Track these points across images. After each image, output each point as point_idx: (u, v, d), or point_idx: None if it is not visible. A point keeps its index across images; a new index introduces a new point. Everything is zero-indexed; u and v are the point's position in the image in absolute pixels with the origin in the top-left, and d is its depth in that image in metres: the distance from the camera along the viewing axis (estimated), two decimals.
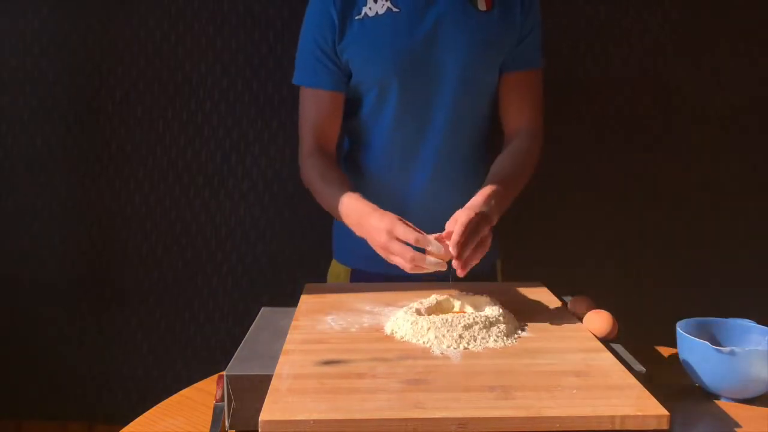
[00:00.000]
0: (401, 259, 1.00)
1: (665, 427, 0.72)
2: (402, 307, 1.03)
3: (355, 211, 1.13)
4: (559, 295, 1.14)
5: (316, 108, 1.26)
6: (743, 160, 1.72)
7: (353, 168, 1.34)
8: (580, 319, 1.00)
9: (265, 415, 0.72)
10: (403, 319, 0.97)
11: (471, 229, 1.00)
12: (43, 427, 1.86)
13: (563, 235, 1.75)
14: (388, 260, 1.04)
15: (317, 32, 1.22)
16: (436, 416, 0.71)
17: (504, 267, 1.43)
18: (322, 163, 1.24)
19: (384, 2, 1.20)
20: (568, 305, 1.05)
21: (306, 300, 1.12)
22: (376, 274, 1.28)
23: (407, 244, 1.00)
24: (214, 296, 1.80)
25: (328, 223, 1.42)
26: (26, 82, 1.72)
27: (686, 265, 1.74)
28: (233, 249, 1.79)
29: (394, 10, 1.19)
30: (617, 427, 0.72)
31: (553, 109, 1.36)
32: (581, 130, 1.72)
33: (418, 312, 0.99)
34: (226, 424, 0.84)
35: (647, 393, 0.76)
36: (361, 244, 1.27)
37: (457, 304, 1.06)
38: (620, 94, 1.71)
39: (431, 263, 0.99)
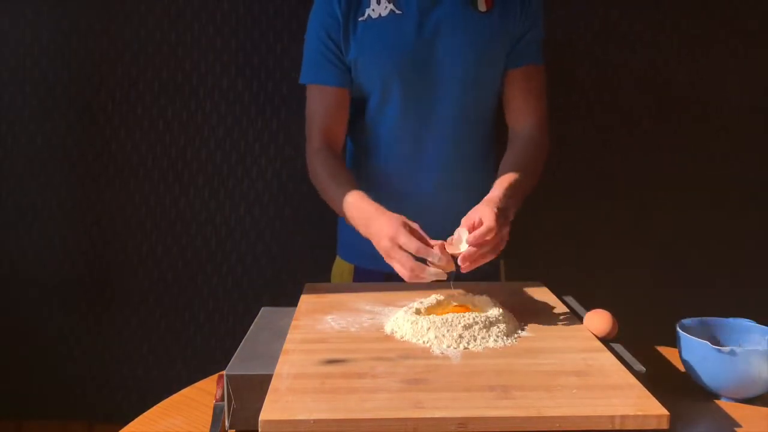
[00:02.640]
0: (401, 267, 1.00)
1: (665, 426, 0.72)
2: (402, 307, 1.03)
3: (361, 212, 1.13)
4: (559, 295, 1.14)
5: (322, 104, 1.27)
6: (744, 160, 1.72)
7: (358, 168, 1.34)
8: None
9: (265, 415, 0.72)
10: (403, 319, 0.97)
11: (495, 229, 0.99)
12: (43, 427, 1.85)
13: (563, 235, 1.75)
14: (390, 264, 1.04)
15: (322, 30, 1.23)
16: (436, 416, 0.71)
17: (507, 267, 1.43)
18: (330, 160, 1.24)
19: (387, 4, 1.21)
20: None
21: (306, 300, 1.12)
22: (379, 272, 1.28)
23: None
24: (214, 296, 1.80)
25: (328, 223, 1.42)
26: (26, 82, 1.72)
27: (686, 265, 1.74)
28: (233, 249, 1.79)
29: (397, 12, 1.20)
30: (617, 427, 0.72)
31: (554, 109, 1.36)
32: (582, 129, 1.72)
33: (418, 312, 0.99)
34: (226, 424, 0.84)
35: (647, 393, 0.76)
36: (366, 242, 1.27)
37: (457, 303, 1.06)
38: (621, 94, 1.72)
39: (431, 274, 0.98)
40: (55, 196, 1.77)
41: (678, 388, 0.97)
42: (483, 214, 1.02)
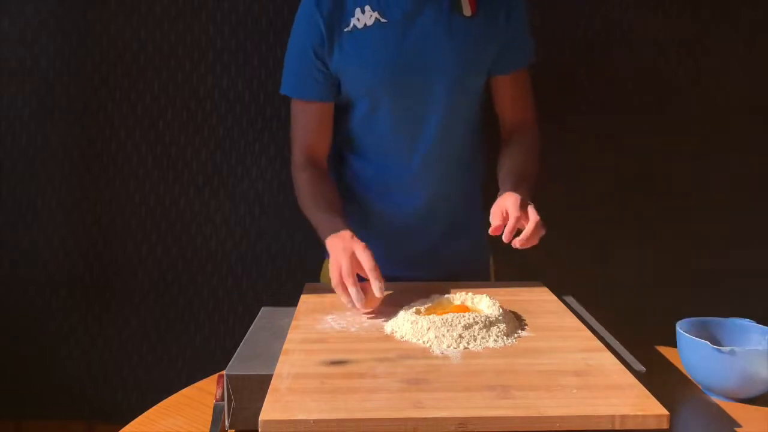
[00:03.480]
0: (335, 274, 1.05)
1: (665, 426, 0.72)
2: (402, 307, 1.03)
3: (332, 231, 1.15)
4: (559, 295, 1.14)
5: (304, 120, 1.28)
6: (744, 160, 1.72)
7: (344, 170, 1.34)
8: None
9: (265, 415, 0.72)
10: (403, 319, 0.97)
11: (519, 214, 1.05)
12: (43, 426, 1.85)
13: (562, 235, 1.74)
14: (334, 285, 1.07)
15: (305, 43, 1.23)
16: (436, 416, 0.72)
17: (497, 266, 1.44)
18: (311, 179, 1.26)
19: (372, 13, 1.20)
20: None
21: (306, 300, 1.12)
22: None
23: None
24: (214, 296, 1.80)
25: None
26: (26, 82, 1.72)
27: (686, 265, 1.74)
28: (233, 249, 1.78)
29: (382, 20, 1.20)
30: (617, 427, 0.72)
31: (553, 108, 1.36)
32: (582, 129, 1.72)
33: (418, 312, 0.99)
34: (226, 423, 0.84)
35: (647, 392, 0.77)
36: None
37: (457, 303, 1.06)
38: (620, 93, 1.71)
39: (353, 300, 1.03)
40: (55, 196, 1.76)
41: (678, 388, 0.97)
42: (507, 204, 1.07)
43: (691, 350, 0.95)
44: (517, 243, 1.03)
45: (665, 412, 0.72)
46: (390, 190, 1.30)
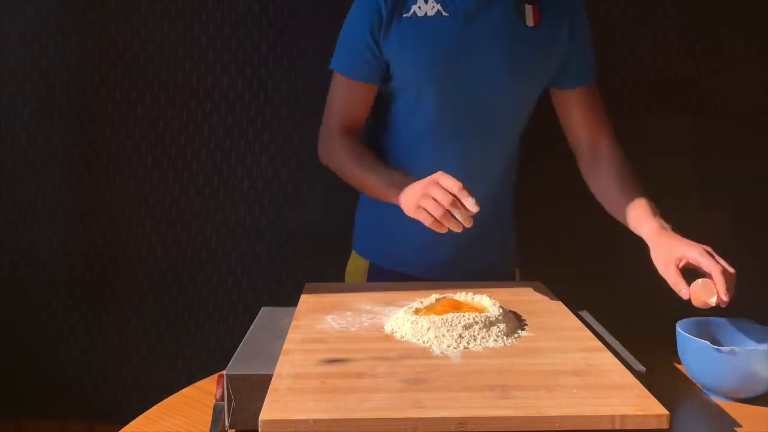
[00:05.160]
0: (433, 209, 0.99)
1: (665, 426, 0.72)
2: (402, 306, 1.03)
3: (393, 179, 1.12)
4: (559, 295, 1.14)
5: (346, 96, 1.26)
6: (744, 160, 1.72)
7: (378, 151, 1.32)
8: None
9: (265, 415, 0.72)
10: (403, 319, 0.97)
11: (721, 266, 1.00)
12: (42, 426, 1.85)
13: (563, 235, 1.74)
14: (415, 214, 1.02)
15: (362, 23, 1.20)
16: (436, 416, 0.72)
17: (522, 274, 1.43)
18: (351, 142, 1.23)
19: (435, 5, 1.18)
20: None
21: (306, 300, 1.12)
22: (394, 273, 1.28)
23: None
24: (214, 296, 1.80)
25: (328, 223, 1.42)
26: (26, 82, 1.72)
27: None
28: (233, 249, 1.78)
29: (444, 14, 1.18)
30: (617, 427, 0.72)
31: (552, 108, 1.36)
32: None
33: (418, 312, 0.99)
34: (226, 423, 0.84)
35: (647, 392, 0.77)
36: (383, 237, 1.26)
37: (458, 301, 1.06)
38: (621, 93, 1.71)
39: (453, 224, 0.99)
40: (55, 196, 1.76)
41: (678, 388, 0.97)
42: (694, 257, 1.02)
43: (691, 350, 0.95)
44: (726, 298, 0.97)
45: (665, 412, 0.72)
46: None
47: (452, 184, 0.99)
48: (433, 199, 0.99)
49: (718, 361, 0.91)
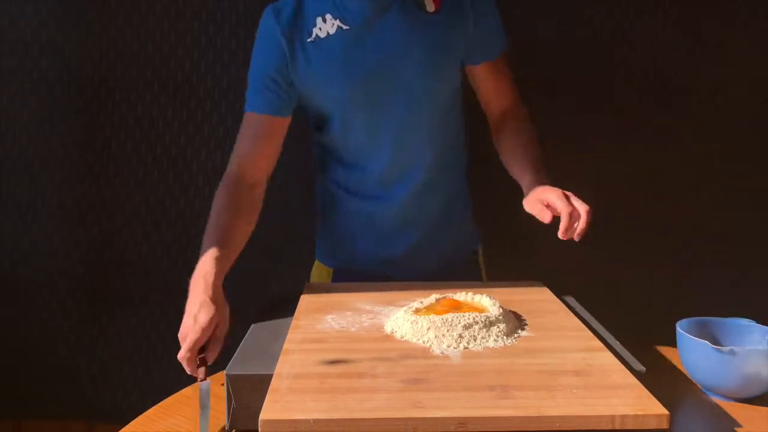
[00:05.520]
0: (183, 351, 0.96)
1: (665, 426, 0.72)
2: (402, 306, 1.03)
3: (202, 263, 1.10)
4: (559, 295, 1.14)
5: (249, 132, 1.24)
6: (744, 160, 1.72)
7: (326, 179, 1.34)
8: None
9: (265, 415, 0.72)
10: (403, 319, 0.97)
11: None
12: (42, 426, 1.85)
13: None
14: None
15: (264, 59, 1.22)
16: (436, 415, 0.71)
17: (486, 259, 1.44)
18: (225, 195, 1.20)
19: (333, 21, 1.19)
20: None
21: (306, 300, 1.12)
22: (358, 272, 1.29)
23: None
24: None
25: None
26: (26, 82, 1.72)
27: (686, 265, 1.74)
28: None
29: (344, 27, 1.18)
30: (617, 427, 0.72)
31: (553, 108, 1.36)
32: (582, 128, 1.72)
33: (418, 312, 0.99)
34: (226, 423, 0.84)
35: (647, 392, 0.76)
36: (344, 243, 1.27)
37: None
38: (620, 93, 1.71)
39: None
40: (55, 195, 1.76)
41: (678, 388, 0.97)
42: (549, 198, 1.05)
43: (691, 350, 0.95)
44: (576, 238, 1.03)
45: (665, 411, 0.72)
46: (373, 192, 1.29)
47: (198, 336, 0.94)
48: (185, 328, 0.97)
49: (718, 361, 0.91)
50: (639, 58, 1.69)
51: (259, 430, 0.71)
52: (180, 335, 0.98)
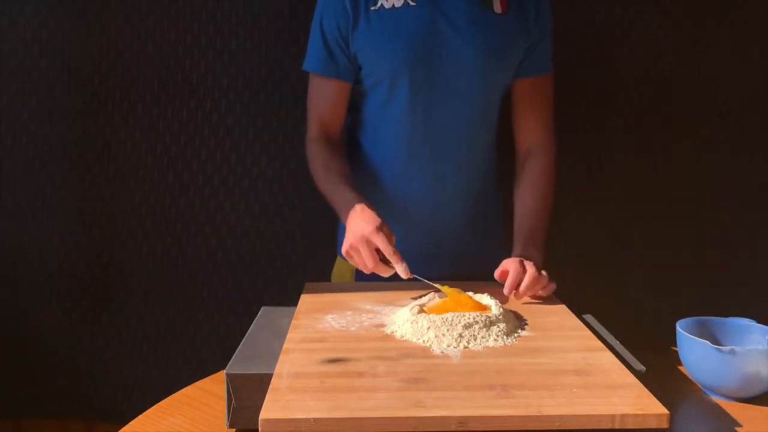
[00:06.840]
0: (365, 261, 1.07)
1: (665, 426, 0.72)
2: (402, 306, 1.03)
3: (346, 202, 1.16)
4: (559, 295, 1.14)
5: (321, 95, 1.27)
6: (744, 160, 1.72)
7: (357, 158, 1.33)
8: None
9: (265, 414, 0.72)
10: (403, 318, 0.97)
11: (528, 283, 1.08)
12: (42, 426, 1.85)
13: (563, 235, 1.74)
14: (347, 257, 1.10)
15: (328, 21, 1.22)
16: (436, 415, 0.71)
17: None
18: (325, 150, 1.26)
19: None
20: None
21: (306, 299, 1.12)
22: None
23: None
24: (214, 296, 1.80)
25: (328, 222, 1.42)
26: (26, 82, 1.72)
27: (686, 265, 1.74)
28: (233, 248, 1.78)
29: (411, 3, 1.19)
30: (617, 426, 0.72)
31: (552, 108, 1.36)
32: (580, 129, 1.72)
33: (418, 311, 0.99)
34: (226, 423, 0.84)
35: (647, 392, 0.76)
36: None
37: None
38: (620, 94, 1.71)
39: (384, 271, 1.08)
40: (55, 195, 1.76)
41: (678, 388, 0.97)
42: (505, 265, 1.11)
43: (691, 350, 0.95)
44: (520, 295, 1.08)
45: (665, 411, 0.72)
46: (403, 178, 1.29)
47: (385, 246, 1.06)
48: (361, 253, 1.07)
49: (718, 361, 0.91)
50: (639, 58, 1.70)
51: (260, 429, 0.71)
52: (366, 246, 1.07)
